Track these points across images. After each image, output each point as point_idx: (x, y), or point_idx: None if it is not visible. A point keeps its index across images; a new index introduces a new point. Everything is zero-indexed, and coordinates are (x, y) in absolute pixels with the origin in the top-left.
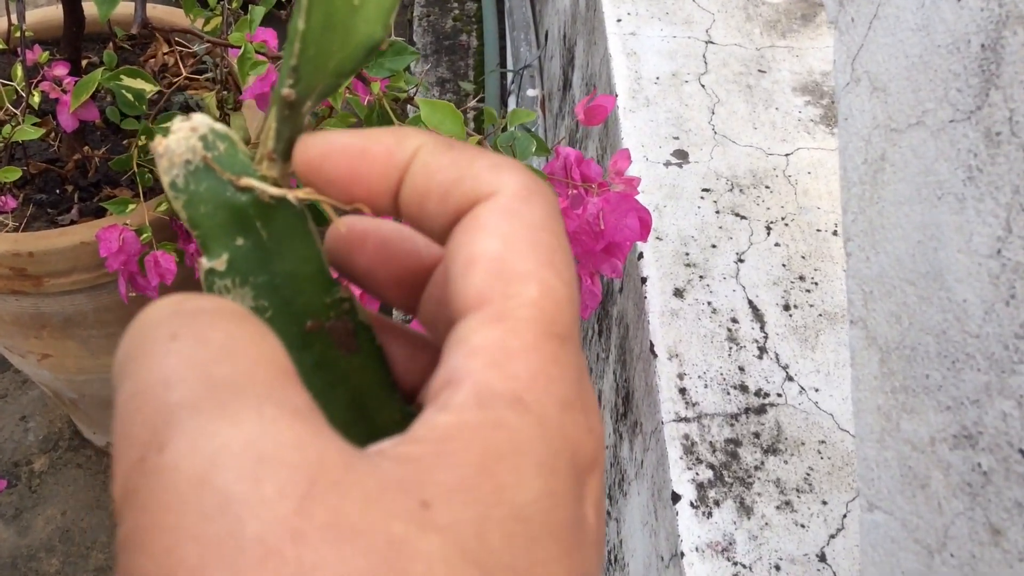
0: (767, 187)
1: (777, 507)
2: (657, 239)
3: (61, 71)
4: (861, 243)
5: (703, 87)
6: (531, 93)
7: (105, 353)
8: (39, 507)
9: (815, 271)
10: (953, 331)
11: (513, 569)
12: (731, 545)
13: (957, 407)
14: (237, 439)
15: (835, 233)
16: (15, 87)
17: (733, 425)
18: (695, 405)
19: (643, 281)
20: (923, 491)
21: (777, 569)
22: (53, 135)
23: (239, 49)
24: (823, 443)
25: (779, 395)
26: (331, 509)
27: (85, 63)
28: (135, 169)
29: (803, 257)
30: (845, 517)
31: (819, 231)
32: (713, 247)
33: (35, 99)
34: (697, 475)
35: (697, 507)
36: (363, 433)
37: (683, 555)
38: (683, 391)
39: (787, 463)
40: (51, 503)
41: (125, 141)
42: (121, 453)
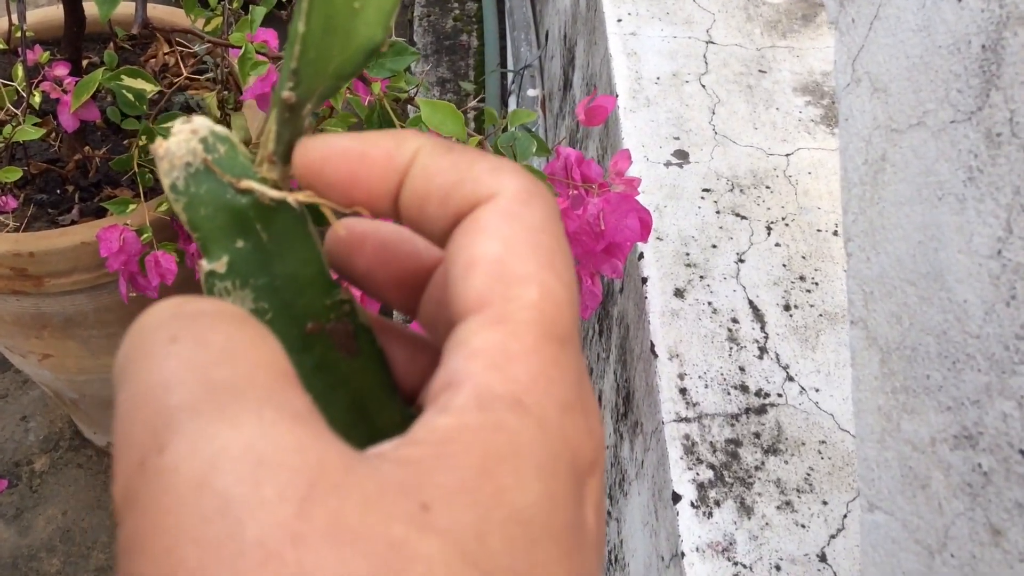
0: (767, 187)
1: (777, 507)
2: (657, 239)
3: (62, 71)
4: (862, 243)
5: (704, 87)
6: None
7: (106, 353)
8: (40, 507)
9: (815, 271)
10: (954, 332)
11: (513, 571)
12: (731, 545)
13: (958, 407)
14: (237, 442)
15: (835, 233)
16: (16, 87)
17: (733, 425)
18: (695, 405)
19: (644, 281)
20: (923, 491)
21: (777, 569)
22: (54, 135)
23: (240, 49)
24: (823, 443)
25: (779, 395)
26: (331, 512)
27: (86, 63)
28: (136, 169)
29: (803, 257)
30: (845, 517)
31: (819, 231)
32: (713, 247)
33: (36, 99)
34: (698, 475)
35: (698, 507)
36: (363, 435)
37: (683, 555)
38: (683, 391)
39: (787, 463)
40: (52, 503)
41: (126, 141)
42: (121, 456)
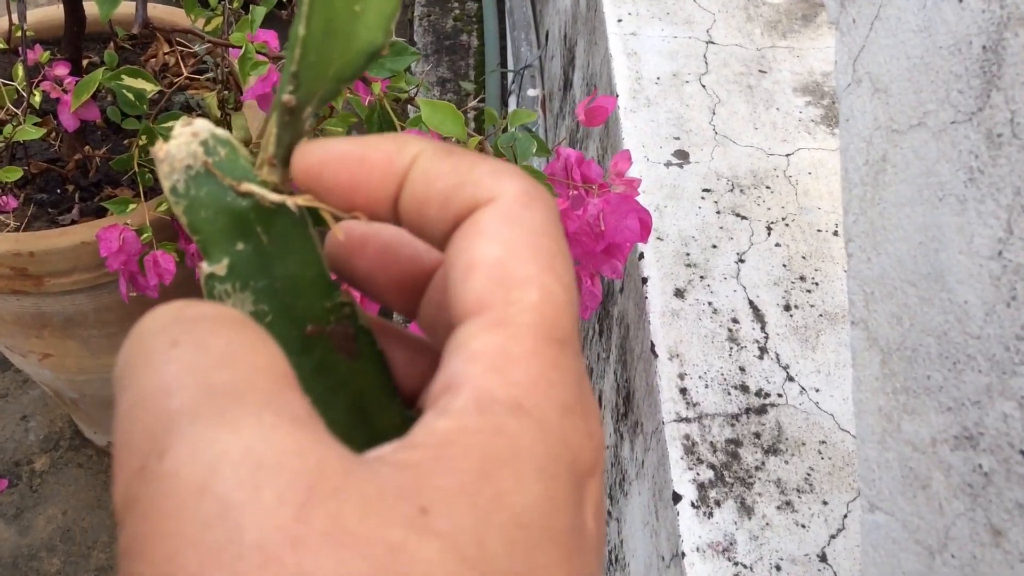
0: (768, 187)
1: (778, 507)
2: (658, 239)
3: (62, 71)
4: (862, 244)
5: (704, 87)
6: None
7: (106, 353)
8: (40, 507)
9: (816, 271)
10: (954, 332)
11: (513, 574)
12: (732, 545)
13: (958, 408)
14: (237, 446)
15: (836, 233)
16: (16, 87)
17: (734, 425)
18: (696, 405)
19: (644, 281)
20: (924, 492)
21: (778, 569)
22: (54, 135)
23: (240, 49)
24: (824, 443)
25: (780, 395)
26: (330, 516)
27: (86, 63)
28: (136, 169)
29: (804, 257)
30: (846, 517)
31: (820, 231)
32: (714, 247)
33: (36, 99)
34: (698, 475)
35: (698, 507)
36: (363, 437)
37: (684, 555)
38: (684, 391)
39: (788, 463)
40: (52, 503)
41: (126, 141)
42: (122, 461)
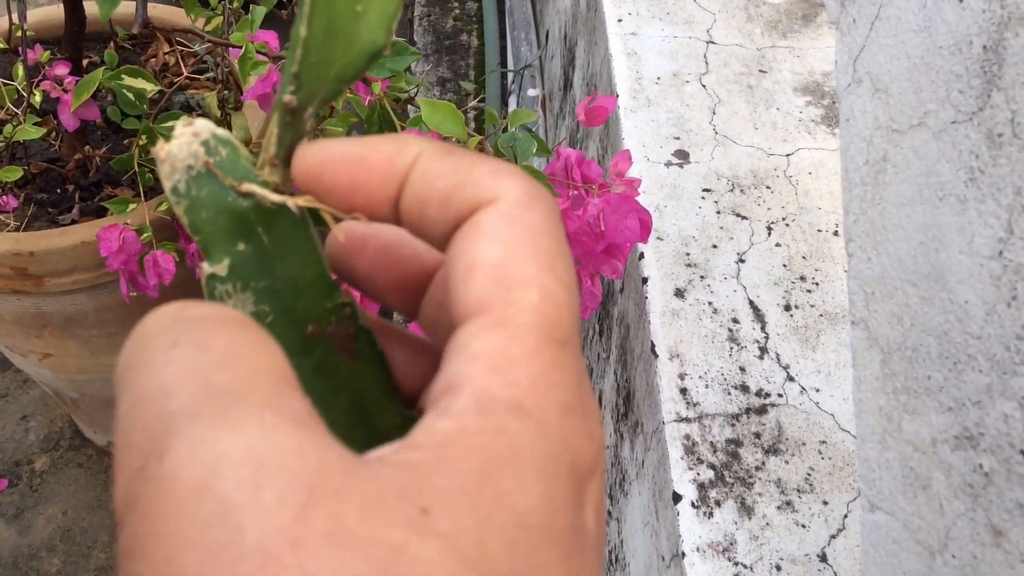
0: (768, 187)
1: (778, 507)
2: (658, 239)
3: (62, 70)
4: (863, 244)
5: (704, 87)
6: (532, 93)
7: (106, 352)
8: (40, 506)
9: (816, 271)
10: (955, 332)
11: (513, 575)
12: (732, 545)
13: (959, 408)
14: (237, 446)
15: (836, 233)
16: (16, 86)
17: (734, 425)
18: (696, 405)
19: (644, 281)
20: (924, 492)
21: (778, 569)
22: (54, 134)
23: (240, 49)
24: (824, 443)
25: (780, 395)
26: (331, 516)
27: (86, 62)
28: (136, 169)
29: (804, 257)
30: (846, 517)
31: (820, 231)
32: (714, 247)
33: (36, 98)
34: (698, 475)
35: (698, 507)
36: (364, 438)
37: (684, 555)
38: (684, 391)
39: (788, 463)
40: (52, 502)
41: (126, 141)
42: (122, 461)
